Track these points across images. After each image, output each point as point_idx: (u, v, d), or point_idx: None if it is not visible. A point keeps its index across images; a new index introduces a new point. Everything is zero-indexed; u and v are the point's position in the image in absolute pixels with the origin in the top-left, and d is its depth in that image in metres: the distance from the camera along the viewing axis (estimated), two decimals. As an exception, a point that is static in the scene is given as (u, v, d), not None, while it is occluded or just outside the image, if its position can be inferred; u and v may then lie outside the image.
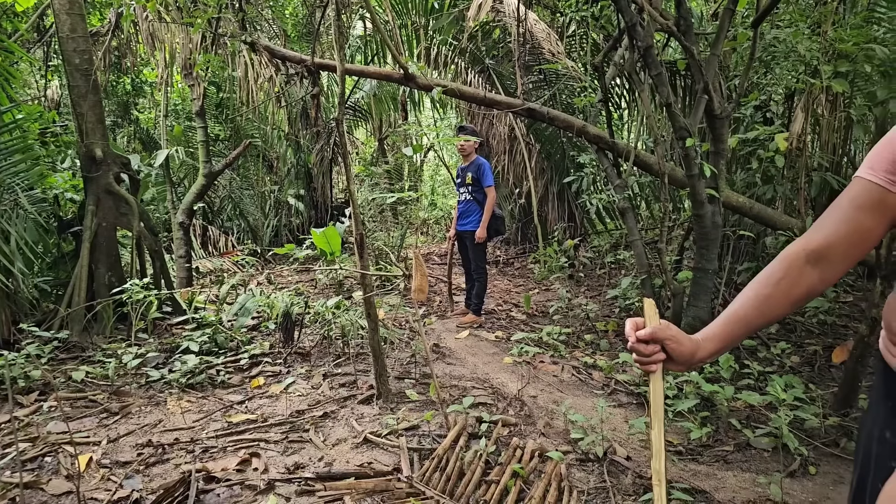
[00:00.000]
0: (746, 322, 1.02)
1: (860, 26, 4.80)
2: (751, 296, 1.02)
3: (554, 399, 3.40)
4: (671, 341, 1.00)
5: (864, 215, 0.99)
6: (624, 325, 4.27)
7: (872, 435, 1.06)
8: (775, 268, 1.03)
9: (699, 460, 2.71)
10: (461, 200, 4.88)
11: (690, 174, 3.62)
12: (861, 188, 1.01)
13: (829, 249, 1.01)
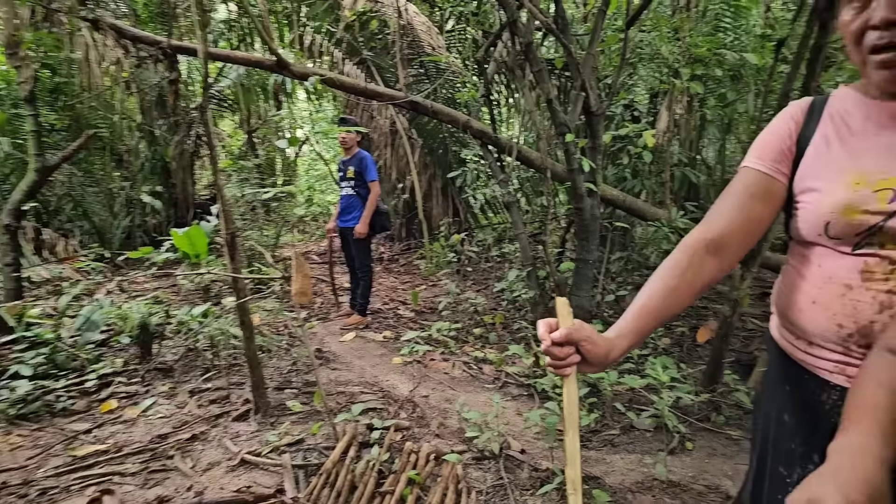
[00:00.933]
0: (656, 314, 1.01)
1: (711, 34, 5.31)
2: (658, 288, 1.02)
3: (446, 397, 3.36)
4: (586, 342, 0.95)
5: (756, 203, 1.04)
6: (511, 316, 4.32)
7: (770, 417, 1.11)
8: (679, 258, 1.04)
9: (589, 446, 2.81)
10: (343, 195, 4.71)
11: (571, 169, 3.76)
12: (752, 177, 1.06)
13: (726, 238, 1.04)
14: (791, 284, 1.05)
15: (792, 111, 1.08)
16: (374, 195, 4.55)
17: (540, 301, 4.17)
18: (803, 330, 1.02)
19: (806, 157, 1.02)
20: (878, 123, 0.96)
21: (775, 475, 1.07)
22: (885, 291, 0.91)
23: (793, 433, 1.05)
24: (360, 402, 3.18)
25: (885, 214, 0.90)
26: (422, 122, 6.61)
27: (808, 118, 1.05)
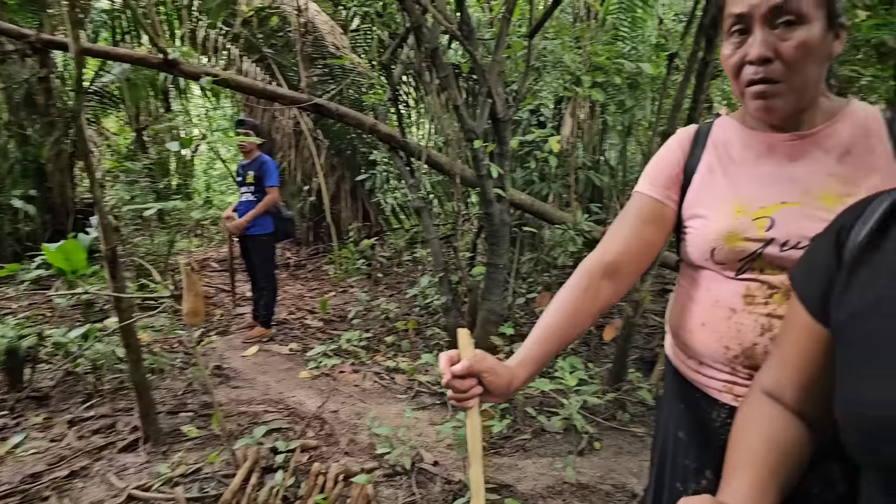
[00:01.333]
0: (556, 341, 1.02)
1: (610, 43, 5.56)
2: (558, 315, 1.04)
3: (356, 411, 3.28)
4: (488, 373, 0.94)
5: (648, 227, 1.09)
6: (424, 322, 4.28)
7: (668, 433, 1.14)
8: (577, 284, 1.06)
9: (501, 453, 2.83)
10: (242, 201, 4.48)
11: (480, 174, 3.78)
12: (644, 203, 1.10)
13: (621, 262, 1.07)
14: (682, 306, 1.09)
15: (679, 139, 1.12)
16: (268, 200, 4.37)
17: (453, 306, 4.17)
18: (694, 351, 1.06)
19: (693, 184, 1.07)
20: (756, 153, 1.01)
21: (672, 490, 1.10)
22: (766, 315, 0.96)
23: (687, 450, 1.09)
24: (263, 422, 3.03)
25: (763, 241, 0.95)
26: (328, 123, 6.44)
27: (693, 146, 1.09)
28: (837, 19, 0.93)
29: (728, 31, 0.97)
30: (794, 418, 0.78)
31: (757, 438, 0.76)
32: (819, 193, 0.94)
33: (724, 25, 0.98)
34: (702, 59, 2.78)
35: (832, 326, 0.70)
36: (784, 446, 0.75)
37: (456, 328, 4.01)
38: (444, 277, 4.26)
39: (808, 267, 0.76)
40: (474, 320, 4.11)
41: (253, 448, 2.58)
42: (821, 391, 0.74)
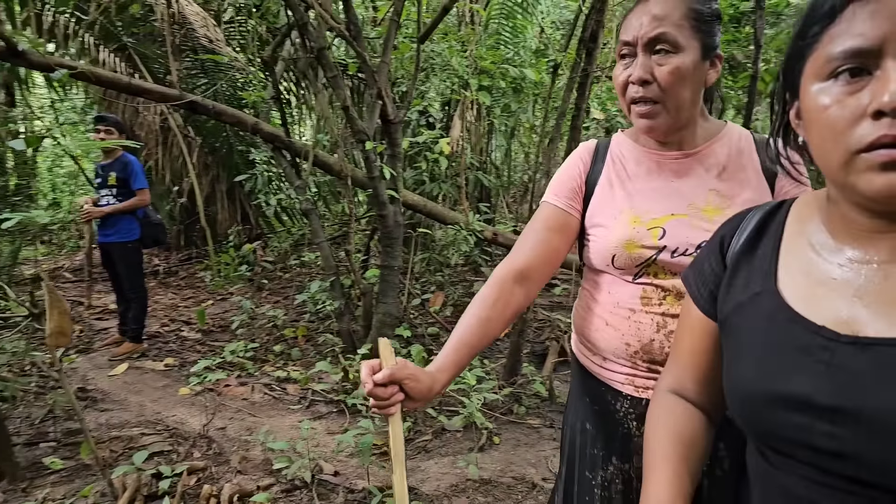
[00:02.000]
0: (472, 346, 1.09)
1: (494, 47, 5.78)
2: (473, 321, 1.11)
3: (247, 426, 3.14)
4: (409, 380, 0.99)
5: (554, 235, 1.18)
6: (315, 328, 4.16)
7: (576, 428, 1.24)
8: (490, 292, 1.13)
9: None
10: (101, 205, 4.11)
11: (372, 176, 3.77)
12: (550, 212, 1.20)
13: (531, 268, 1.16)
14: (587, 308, 1.21)
15: (581, 154, 1.24)
16: (137, 201, 4.06)
17: (346, 311, 4.12)
18: (599, 348, 1.17)
19: (594, 196, 1.18)
20: (647, 168, 1.15)
21: (583, 479, 1.20)
22: (660, 314, 1.09)
23: (594, 440, 1.20)
24: (141, 447, 2.81)
25: (656, 249, 1.08)
26: (200, 120, 6.07)
27: (594, 160, 1.21)
28: (712, 50, 1.06)
29: (619, 54, 1.09)
30: (695, 411, 0.88)
31: (665, 436, 0.85)
32: (702, 206, 1.08)
33: (617, 49, 1.10)
34: (583, 69, 2.99)
35: (719, 320, 0.81)
36: (690, 439, 0.84)
37: (349, 333, 3.98)
38: (335, 281, 4.20)
39: (697, 271, 0.87)
40: (369, 324, 4.09)
41: (133, 476, 2.38)
42: (714, 383, 0.84)
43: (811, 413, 0.63)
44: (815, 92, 0.63)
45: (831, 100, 0.61)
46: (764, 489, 0.73)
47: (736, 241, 0.81)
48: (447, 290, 5.06)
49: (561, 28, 6.72)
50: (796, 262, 0.72)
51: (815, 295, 0.68)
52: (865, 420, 0.59)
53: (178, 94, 4.09)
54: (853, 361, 0.62)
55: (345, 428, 3.12)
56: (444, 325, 4.51)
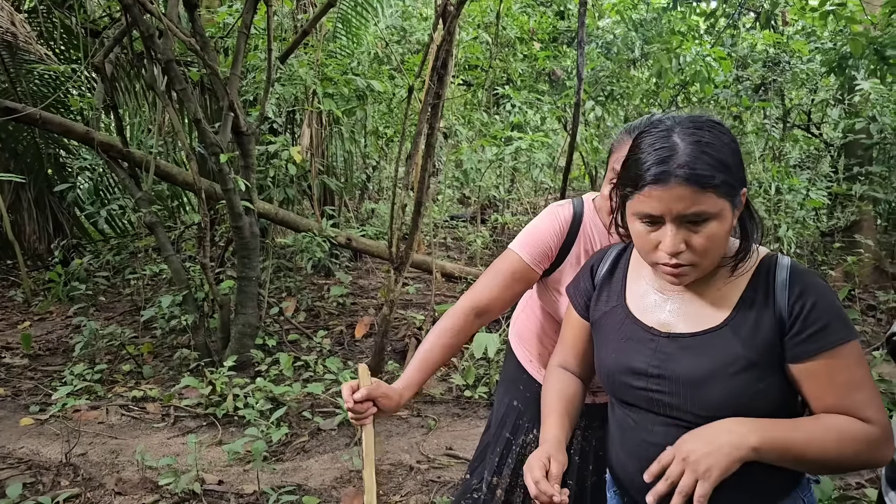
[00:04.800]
0: (434, 366, 1.41)
1: (333, 55, 6.04)
2: (437, 346, 1.41)
3: (111, 450, 3.13)
4: (382, 398, 1.28)
5: (518, 284, 1.48)
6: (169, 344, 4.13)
7: (504, 402, 1.70)
8: (454, 323, 1.43)
9: (284, 459, 3.09)
10: None
11: (226, 188, 3.86)
12: (518, 265, 1.46)
13: (492, 307, 1.46)
14: (532, 324, 1.67)
15: (560, 221, 1.48)
16: None
17: (201, 324, 4.15)
18: (535, 355, 1.67)
19: (563, 265, 1.49)
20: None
21: (501, 437, 1.67)
22: None
23: (521, 414, 1.67)
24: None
25: None
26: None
27: (570, 232, 1.47)
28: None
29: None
30: (575, 379, 1.35)
31: (555, 396, 1.30)
32: None
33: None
34: (436, 93, 3.44)
35: (591, 322, 1.28)
36: (571, 397, 1.30)
37: (206, 346, 4.04)
38: (188, 295, 4.21)
39: (575, 287, 1.33)
40: (227, 336, 4.17)
41: (6, 511, 2.35)
42: (586, 360, 1.33)
43: (646, 379, 1.12)
44: (632, 222, 1.09)
45: (641, 232, 1.07)
46: (621, 430, 1.20)
47: (601, 268, 1.29)
48: (297, 297, 5.25)
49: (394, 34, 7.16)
50: (636, 288, 1.21)
51: (646, 308, 1.17)
52: (674, 380, 1.08)
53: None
54: (668, 347, 1.11)
55: (219, 440, 3.26)
56: (302, 332, 4.72)
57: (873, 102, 5.79)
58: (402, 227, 4.04)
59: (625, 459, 1.18)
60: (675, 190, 0.99)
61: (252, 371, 3.88)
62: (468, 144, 6.82)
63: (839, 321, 1.02)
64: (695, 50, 6.80)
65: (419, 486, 2.81)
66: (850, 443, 0.99)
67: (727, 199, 1.01)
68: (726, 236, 1.04)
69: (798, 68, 6.22)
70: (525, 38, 7.66)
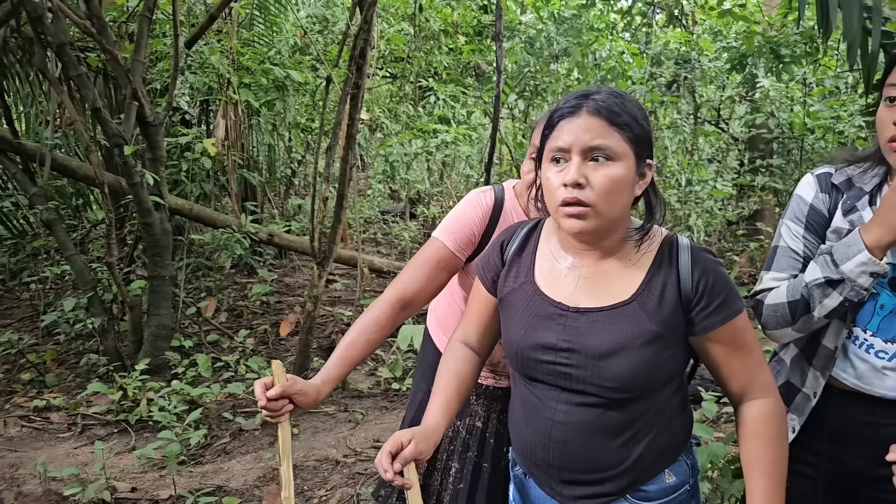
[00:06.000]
0: (355, 362, 1.37)
1: (250, 43, 5.87)
2: (360, 340, 1.37)
3: (10, 463, 2.94)
4: (298, 395, 1.25)
5: (442, 272, 1.47)
6: (74, 350, 3.91)
7: (421, 389, 1.66)
8: (379, 315, 1.40)
9: (203, 461, 2.99)
10: None
11: (132, 182, 3.68)
12: (442, 253, 1.46)
13: (417, 298, 1.45)
14: (451, 309, 1.64)
15: (482, 209, 1.49)
16: None
17: (109, 328, 3.94)
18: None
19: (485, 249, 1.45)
20: None
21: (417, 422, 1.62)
22: None
23: None
24: None
25: None
26: None
27: (492, 217, 1.49)
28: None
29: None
30: (472, 353, 1.34)
31: (447, 376, 1.29)
32: None
33: (529, 152, 1.36)
34: (355, 83, 3.41)
35: (499, 298, 1.28)
36: (462, 377, 1.30)
37: (116, 350, 3.85)
38: (94, 297, 3.99)
39: (484, 262, 1.33)
40: (139, 338, 3.99)
41: None
42: (488, 336, 1.35)
43: (554, 353, 1.13)
44: (545, 172, 1.12)
45: (550, 177, 1.10)
46: (524, 407, 1.22)
47: (511, 245, 1.29)
48: (217, 296, 5.09)
49: (317, 23, 7.04)
50: (545, 264, 1.23)
51: (555, 284, 1.19)
52: (584, 353, 1.11)
53: None
54: (576, 321, 1.14)
55: (132, 446, 3.12)
56: (223, 332, 4.58)
57: (772, 99, 6.16)
58: (325, 220, 3.98)
59: (528, 436, 1.21)
60: (584, 119, 1.07)
61: (168, 374, 3.73)
62: (395, 138, 6.80)
63: (734, 293, 1.13)
64: (609, 46, 7.12)
65: (345, 480, 2.79)
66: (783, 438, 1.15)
67: (632, 146, 1.08)
68: (626, 187, 1.09)
69: (706, 66, 6.51)
70: (449, 30, 7.70)
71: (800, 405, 1.33)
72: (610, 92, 1.11)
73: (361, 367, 4.10)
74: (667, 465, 1.18)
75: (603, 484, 1.16)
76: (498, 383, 1.62)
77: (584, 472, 1.16)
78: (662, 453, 1.18)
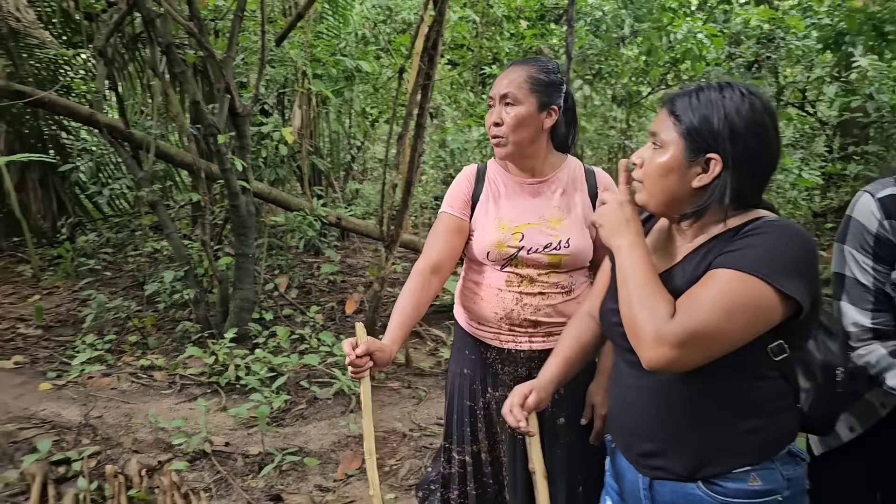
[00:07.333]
0: (411, 323, 1.63)
1: (320, 35, 6.20)
2: (409, 305, 1.61)
3: (124, 413, 3.43)
4: (378, 352, 1.47)
5: (454, 236, 1.72)
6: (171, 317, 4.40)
7: (456, 373, 1.85)
8: (416, 282, 1.65)
9: (284, 424, 3.41)
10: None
11: (224, 168, 4.10)
12: (448, 220, 1.73)
13: (441, 262, 1.69)
14: (468, 287, 1.78)
15: (467, 175, 1.77)
16: None
17: (201, 299, 4.43)
18: (475, 315, 1.75)
19: (477, 207, 1.73)
20: (512, 190, 1.72)
21: (464, 407, 1.81)
22: (518, 293, 1.66)
23: (472, 379, 1.78)
24: (24, 439, 3.02)
25: (517, 248, 1.64)
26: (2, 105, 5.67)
27: (477, 181, 1.75)
28: (547, 106, 1.61)
29: (488, 105, 1.69)
30: (595, 329, 1.43)
31: (569, 338, 1.45)
32: (549, 218, 1.66)
33: (488, 101, 1.70)
34: (426, 73, 3.66)
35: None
36: (583, 341, 1.43)
37: (207, 319, 4.32)
38: (189, 271, 4.48)
39: None
40: (226, 310, 4.45)
41: (40, 463, 2.65)
42: None
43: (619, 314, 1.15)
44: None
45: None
46: (613, 372, 1.33)
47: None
48: (289, 273, 5.53)
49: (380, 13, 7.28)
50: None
51: None
52: None
53: (3, 84, 3.99)
54: None
55: (223, 406, 3.57)
56: (296, 307, 5.02)
57: (871, 80, 5.57)
58: (392, 206, 4.29)
59: (612, 402, 1.34)
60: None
61: (250, 343, 4.18)
62: (454, 124, 7.01)
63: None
64: (685, 27, 6.65)
65: (412, 452, 3.12)
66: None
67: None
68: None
69: (793, 45, 6.11)
70: (512, 16, 7.76)
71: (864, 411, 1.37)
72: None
73: (423, 347, 4.45)
74: (748, 463, 1.13)
75: (668, 457, 1.17)
76: (518, 346, 1.71)
77: (651, 440, 1.19)
78: (739, 446, 1.14)
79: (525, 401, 1.37)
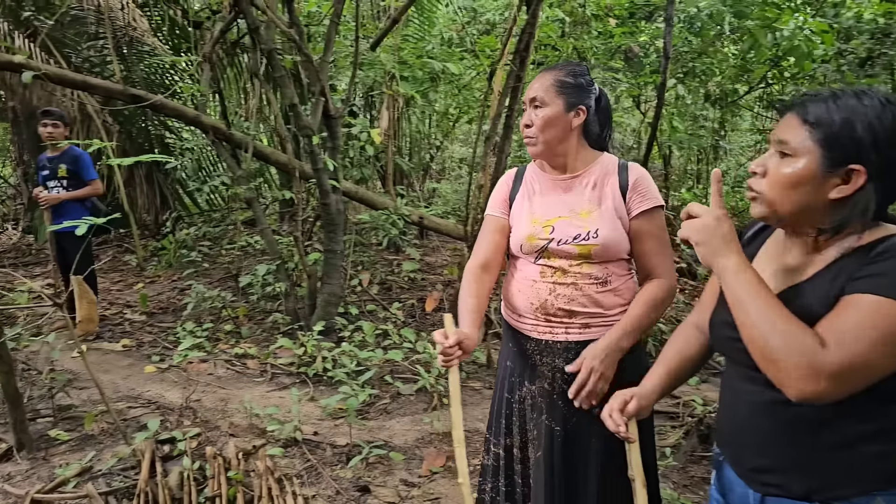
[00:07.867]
0: (480, 312, 1.73)
1: (407, 38, 6.30)
2: (474, 302, 1.73)
3: (220, 398, 3.62)
4: (466, 340, 1.58)
5: (498, 236, 1.81)
6: (263, 308, 4.60)
7: (501, 366, 1.88)
8: (471, 281, 1.76)
9: (369, 417, 3.49)
10: (52, 197, 4.30)
11: (316, 168, 4.26)
12: (493, 221, 1.83)
13: (489, 260, 1.80)
14: (509, 281, 1.82)
15: (506, 178, 1.88)
16: (91, 190, 4.31)
17: (291, 292, 4.61)
18: (514, 307, 1.78)
19: (514, 206, 1.81)
20: (546, 187, 1.78)
21: (503, 399, 1.83)
22: (552, 283, 1.70)
23: (513, 372, 1.80)
24: (133, 418, 3.24)
25: (548, 240, 1.69)
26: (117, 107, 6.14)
27: (514, 183, 1.85)
28: (575, 106, 1.68)
29: (523, 108, 1.76)
30: (700, 341, 1.40)
31: (672, 351, 1.43)
32: (579, 211, 1.70)
33: (522, 106, 1.78)
34: (517, 75, 3.66)
35: None
36: (687, 354, 1.40)
37: (296, 312, 4.47)
38: (281, 265, 4.68)
39: None
40: (314, 304, 4.62)
41: (149, 441, 2.85)
42: None
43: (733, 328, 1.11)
44: None
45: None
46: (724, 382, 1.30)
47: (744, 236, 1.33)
48: (371, 270, 5.66)
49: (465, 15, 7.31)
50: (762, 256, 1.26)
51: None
52: None
53: (122, 89, 4.30)
54: None
55: (311, 396, 3.70)
56: (378, 303, 5.13)
57: None
58: (478, 207, 4.31)
59: (721, 413, 1.29)
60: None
61: (336, 337, 4.31)
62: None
63: None
64: (792, 23, 6.17)
65: (491, 449, 3.13)
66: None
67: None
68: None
69: None
70: (601, 14, 7.60)
71: None
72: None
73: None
74: (872, 490, 1.08)
75: (785, 475, 1.14)
76: (555, 337, 1.73)
77: (765, 455, 1.16)
78: (864, 471, 1.08)
79: (625, 406, 1.36)
